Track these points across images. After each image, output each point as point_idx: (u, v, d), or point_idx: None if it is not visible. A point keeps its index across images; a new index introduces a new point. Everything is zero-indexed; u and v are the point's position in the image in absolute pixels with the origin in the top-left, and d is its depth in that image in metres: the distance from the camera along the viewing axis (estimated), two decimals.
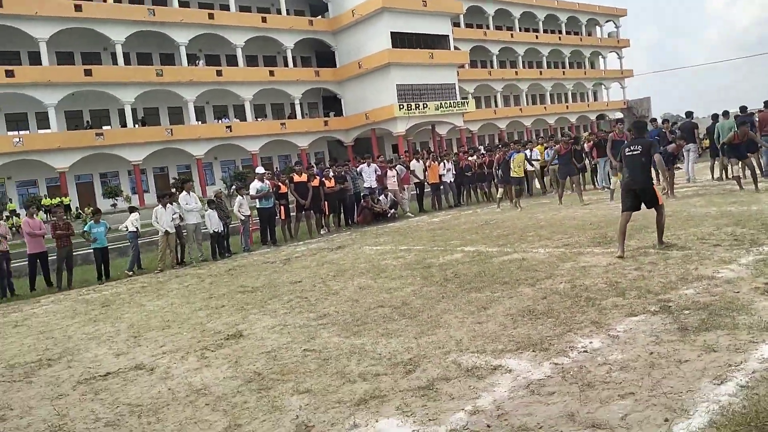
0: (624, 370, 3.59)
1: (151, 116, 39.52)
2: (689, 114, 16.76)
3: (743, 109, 15.24)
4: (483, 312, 5.37)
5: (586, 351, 4.02)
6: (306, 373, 4.41)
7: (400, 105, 40.29)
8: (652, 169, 7.47)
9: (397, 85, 40.99)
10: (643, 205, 7.31)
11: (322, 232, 15.16)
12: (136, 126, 37.14)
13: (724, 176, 14.91)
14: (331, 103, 46.98)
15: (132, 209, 13.78)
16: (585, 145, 17.24)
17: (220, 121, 41.39)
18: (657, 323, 4.37)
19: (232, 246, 13.75)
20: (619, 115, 64.32)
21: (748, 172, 12.65)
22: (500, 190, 15.78)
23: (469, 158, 18.44)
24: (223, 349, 5.44)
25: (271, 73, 41.78)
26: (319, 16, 45.59)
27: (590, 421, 3.00)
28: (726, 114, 14.73)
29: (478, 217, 14.03)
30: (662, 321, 4.40)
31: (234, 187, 35.67)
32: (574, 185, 14.46)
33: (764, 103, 15.07)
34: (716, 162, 15.40)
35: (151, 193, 37.87)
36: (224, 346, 5.56)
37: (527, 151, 17.40)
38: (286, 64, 43.80)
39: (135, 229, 12.82)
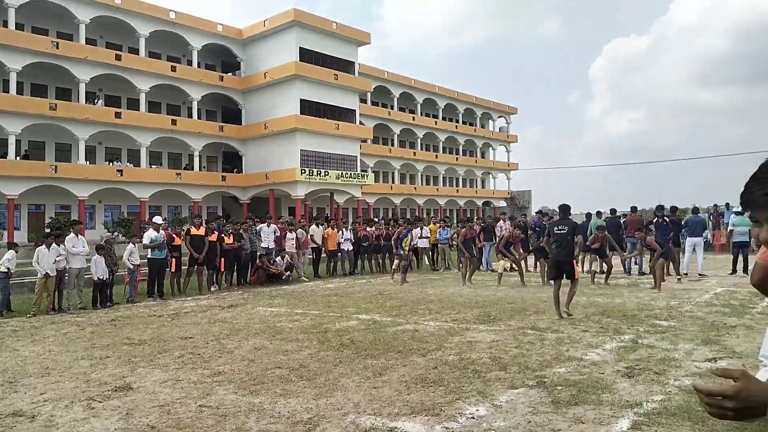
0: None
1: (37, 150, 37.12)
2: None
3: (613, 211, 17.10)
4: (379, 377, 5.65)
5: (473, 417, 4.40)
6: (203, 429, 4.42)
7: (302, 170, 40.76)
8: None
9: (301, 150, 41.58)
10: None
11: (212, 289, 14.86)
12: (17, 158, 34.71)
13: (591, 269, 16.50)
14: (232, 160, 46.57)
15: (11, 245, 12.82)
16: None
17: (111, 163, 39.59)
18: (534, 396, 4.87)
19: (114, 295, 13.11)
20: (503, 203, 68.86)
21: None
22: (395, 262, 16.37)
23: (368, 229, 19.01)
24: (111, 401, 5.28)
25: (173, 122, 40.98)
26: (231, 74, 45.77)
27: None
28: (599, 214, 16.49)
29: (372, 287, 14.43)
30: (539, 394, 4.92)
31: (116, 233, 34.00)
32: (469, 266, 15.05)
33: (631, 208, 17.01)
34: (587, 256, 17.01)
35: (23, 231, 35.04)
36: (112, 397, 5.39)
37: (417, 229, 18.24)
38: (190, 115, 43.19)
39: (7, 270, 11.92)
